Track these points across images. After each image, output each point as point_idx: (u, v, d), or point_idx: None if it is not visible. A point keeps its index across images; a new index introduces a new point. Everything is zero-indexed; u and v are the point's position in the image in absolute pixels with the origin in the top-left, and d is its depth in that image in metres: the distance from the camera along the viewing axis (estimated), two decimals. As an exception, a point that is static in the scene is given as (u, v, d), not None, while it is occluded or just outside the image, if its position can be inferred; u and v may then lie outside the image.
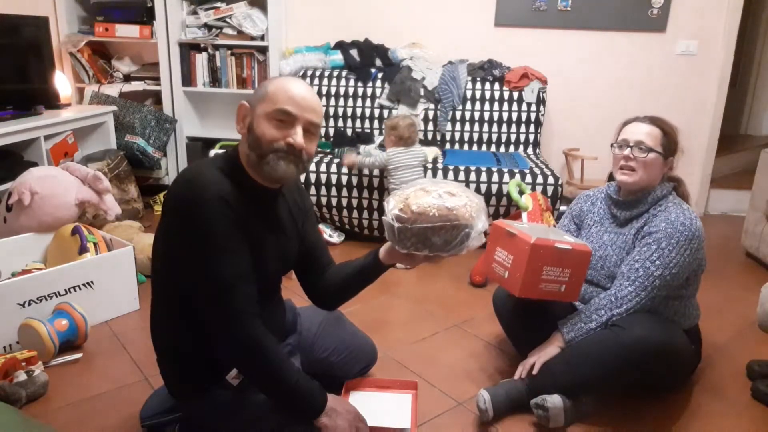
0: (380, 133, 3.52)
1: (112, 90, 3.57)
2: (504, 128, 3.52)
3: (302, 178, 3.00)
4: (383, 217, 1.33)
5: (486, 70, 3.57)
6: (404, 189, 1.36)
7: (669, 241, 1.62)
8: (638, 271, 1.63)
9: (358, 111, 3.56)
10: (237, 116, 1.30)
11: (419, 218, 1.26)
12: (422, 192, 1.30)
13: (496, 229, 1.72)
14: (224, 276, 1.22)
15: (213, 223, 1.19)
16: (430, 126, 3.54)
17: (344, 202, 3.05)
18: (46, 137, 2.88)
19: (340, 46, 3.71)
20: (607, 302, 1.64)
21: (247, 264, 1.26)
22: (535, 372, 1.67)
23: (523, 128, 3.51)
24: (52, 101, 3.16)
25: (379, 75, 3.57)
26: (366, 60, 3.63)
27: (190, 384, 1.40)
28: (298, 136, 1.25)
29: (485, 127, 3.52)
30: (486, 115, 3.51)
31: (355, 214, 3.08)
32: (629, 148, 1.70)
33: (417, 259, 1.36)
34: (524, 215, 2.75)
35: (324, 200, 3.07)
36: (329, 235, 3.09)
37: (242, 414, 1.36)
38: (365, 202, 3.04)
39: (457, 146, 3.55)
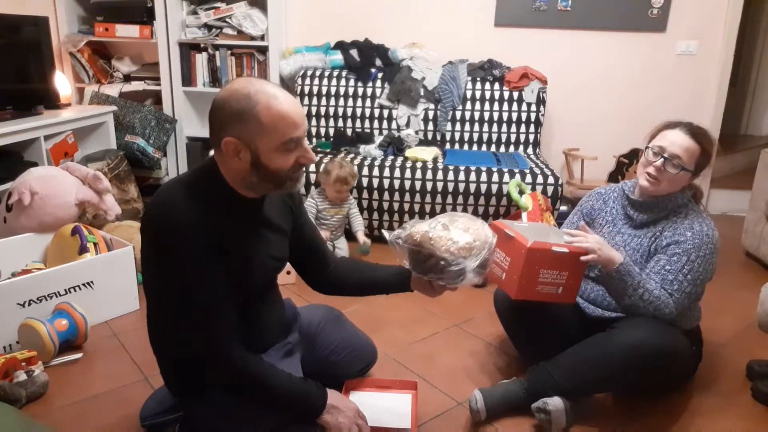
0: (380, 133, 3.53)
1: (112, 90, 3.57)
2: (504, 128, 3.52)
3: (302, 179, 3.00)
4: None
5: (486, 70, 3.57)
6: (436, 217, 1.42)
7: (698, 253, 1.61)
8: (673, 284, 1.60)
9: (358, 111, 3.56)
10: (226, 153, 1.19)
11: (408, 239, 1.35)
12: (428, 222, 1.38)
13: (494, 229, 1.72)
14: (198, 305, 1.21)
15: (183, 252, 1.18)
16: (430, 126, 3.54)
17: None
18: (46, 137, 2.88)
19: (340, 46, 3.71)
20: (658, 297, 1.58)
21: (223, 288, 1.24)
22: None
23: (523, 128, 3.51)
24: (52, 101, 3.15)
25: (379, 75, 3.57)
26: (366, 60, 3.63)
27: (190, 384, 1.40)
28: (309, 153, 1.25)
29: (485, 127, 3.52)
30: (486, 115, 3.51)
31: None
32: (663, 159, 1.64)
33: (436, 289, 1.42)
34: (524, 215, 2.75)
35: (324, 200, 3.07)
36: (329, 235, 3.08)
37: (242, 413, 1.36)
38: (365, 203, 3.04)
39: (457, 146, 3.55)
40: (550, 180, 2.93)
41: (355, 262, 1.65)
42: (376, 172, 3.00)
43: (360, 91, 3.55)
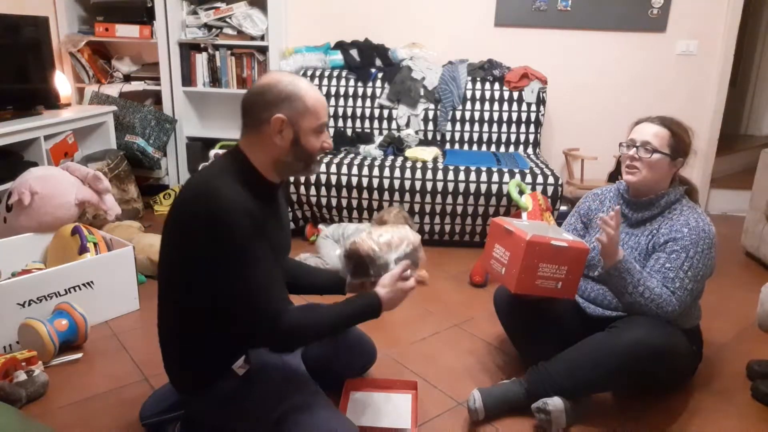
0: (380, 133, 3.53)
1: (112, 90, 3.57)
2: (504, 128, 3.52)
3: (303, 178, 3.01)
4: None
5: (486, 70, 3.57)
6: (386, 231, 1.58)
7: (696, 249, 1.61)
8: (674, 282, 1.61)
9: (358, 111, 3.56)
10: (272, 129, 1.30)
11: (345, 249, 1.57)
12: (358, 235, 1.58)
13: (494, 226, 1.73)
14: (260, 286, 1.26)
15: (242, 239, 1.23)
16: (430, 126, 3.54)
17: (344, 202, 3.05)
18: (46, 137, 2.88)
19: (340, 46, 3.71)
20: (659, 295, 1.58)
21: (274, 265, 1.31)
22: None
23: (523, 128, 3.51)
24: (52, 101, 3.15)
25: (379, 75, 3.57)
26: (366, 60, 3.63)
27: (197, 376, 1.41)
28: (330, 139, 1.40)
29: (485, 127, 3.52)
30: (486, 115, 3.51)
31: (355, 214, 3.08)
32: (635, 148, 1.70)
33: (368, 289, 1.52)
34: (524, 215, 2.75)
35: (324, 201, 3.07)
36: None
37: (247, 405, 1.37)
38: (365, 203, 3.04)
39: (457, 146, 3.55)
40: (550, 180, 2.94)
41: (298, 264, 1.70)
42: (376, 172, 3.00)
43: (360, 91, 3.55)
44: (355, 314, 1.39)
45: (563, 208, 3.04)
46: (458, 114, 3.51)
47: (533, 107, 3.48)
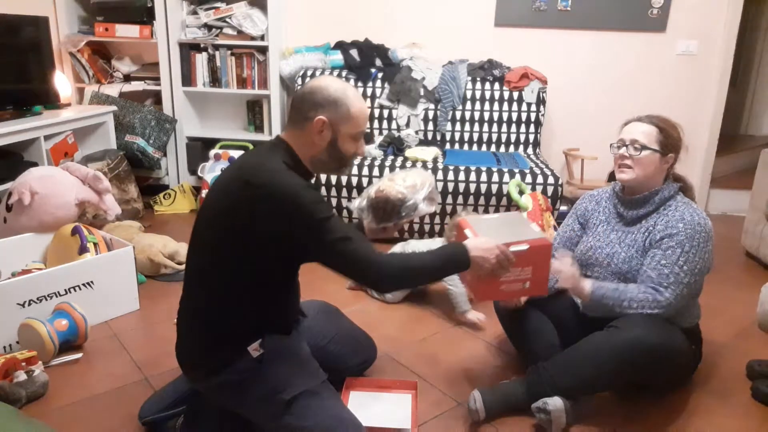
0: (380, 133, 3.53)
1: (112, 90, 3.57)
2: (504, 128, 3.52)
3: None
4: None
5: (486, 70, 3.57)
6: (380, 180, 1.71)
7: (691, 243, 1.63)
8: (669, 277, 1.62)
9: (358, 111, 3.56)
10: (314, 128, 1.40)
11: (369, 198, 1.67)
12: (374, 185, 1.70)
13: (459, 228, 1.66)
14: (341, 232, 1.34)
15: (316, 202, 1.34)
16: (430, 126, 3.54)
17: (344, 202, 3.05)
18: (46, 137, 2.88)
19: (340, 46, 3.71)
20: (645, 299, 1.61)
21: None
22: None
23: (523, 128, 3.51)
24: (52, 101, 3.15)
25: (379, 75, 3.57)
26: (366, 60, 3.63)
27: (218, 355, 1.41)
28: (363, 147, 1.52)
29: (485, 127, 3.52)
30: (486, 115, 3.51)
31: (355, 213, 3.08)
32: (625, 147, 1.73)
33: (389, 231, 1.70)
34: (524, 215, 2.75)
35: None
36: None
37: (259, 385, 1.39)
38: (365, 202, 3.04)
39: (457, 146, 3.55)
40: (550, 180, 2.94)
41: None
42: (376, 172, 3.00)
43: (360, 91, 3.55)
44: (446, 258, 1.45)
45: (563, 208, 3.05)
46: (458, 114, 3.51)
47: (533, 107, 3.48)
